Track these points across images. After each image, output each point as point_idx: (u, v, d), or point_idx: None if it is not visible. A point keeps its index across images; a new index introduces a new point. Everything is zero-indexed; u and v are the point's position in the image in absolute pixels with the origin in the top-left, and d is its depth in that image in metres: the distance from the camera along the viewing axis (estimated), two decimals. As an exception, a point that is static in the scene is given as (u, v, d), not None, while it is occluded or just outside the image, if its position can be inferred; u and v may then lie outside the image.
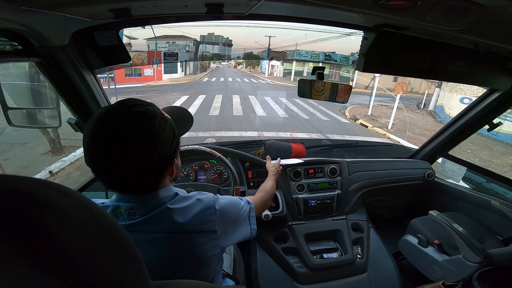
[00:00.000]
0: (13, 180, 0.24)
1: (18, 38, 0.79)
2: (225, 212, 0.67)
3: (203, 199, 0.65)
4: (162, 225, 0.58)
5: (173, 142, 0.58)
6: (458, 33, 0.72)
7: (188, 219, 0.60)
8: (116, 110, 0.53)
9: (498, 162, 6.11)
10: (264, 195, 1.00)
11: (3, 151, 4.24)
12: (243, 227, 0.73)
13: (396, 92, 7.91)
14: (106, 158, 0.51)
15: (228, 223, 0.67)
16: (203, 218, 0.62)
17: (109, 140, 0.50)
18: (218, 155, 1.25)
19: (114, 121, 0.51)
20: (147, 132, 0.52)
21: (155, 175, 0.58)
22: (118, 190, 0.59)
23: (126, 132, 0.51)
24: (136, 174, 0.54)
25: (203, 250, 0.61)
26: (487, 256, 1.07)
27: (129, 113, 0.52)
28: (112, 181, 0.55)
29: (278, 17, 0.90)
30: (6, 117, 0.96)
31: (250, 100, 10.62)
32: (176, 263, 0.60)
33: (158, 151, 0.54)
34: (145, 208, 0.59)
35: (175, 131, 0.59)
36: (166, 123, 0.56)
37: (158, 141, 0.54)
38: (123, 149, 0.50)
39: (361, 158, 1.65)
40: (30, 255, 0.21)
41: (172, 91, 12.66)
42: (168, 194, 0.62)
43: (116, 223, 0.29)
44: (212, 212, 0.63)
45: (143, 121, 0.52)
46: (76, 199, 0.26)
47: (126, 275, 0.28)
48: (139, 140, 0.51)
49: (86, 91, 1.00)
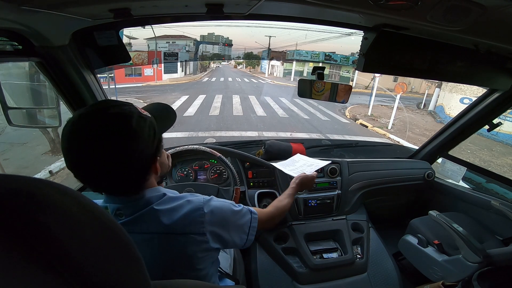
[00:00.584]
0: (13, 180, 0.24)
1: (18, 38, 0.79)
2: (215, 214, 0.64)
3: (193, 200, 0.63)
4: (148, 226, 0.58)
5: (154, 140, 0.57)
6: (458, 33, 0.72)
7: (175, 220, 0.58)
8: (90, 113, 0.52)
9: (498, 162, 6.11)
10: (275, 211, 0.90)
11: (3, 151, 4.23)
12: (236, 234, 0.69)
13: (396, 92, 7.91)
14: (84, 163, 0.50)
15: (220, 227, 0.65)
16: (191, 219, 0.60)
17: (85, 145, 0.49)
18: (218, 155, 1.25)
19: (88, 124, 0.50)
20: (124, 132, 0.51)
21: (138, 174, 0.57)
22: (104, 192, 0.58)
23: (102, 134, 0.50)
24: (119, 176, 0.53)
25: (192, 252, 0.60)
26: (487, 256, 1.06)
27: (103, 115, 0.51)
28: (96, 184, 0.55)
29: (278, 17, 0.90)
30: (6, 117, 0.96)
31: (250, 100, 10.62)
32: (165, 265, 0.59)
33: (138, 151, 0.53)
34: (132, 208, 0.58)
35: (156, 129, 0.58)
36: (144, 122, 0.55)
37: (137, 140, 0.53)
38: (101, 152, 0.50)
39: (361, 158, 1.65)
40: (31, 255, 0.21)
41: (172, 91, 12.66)
42: (155, 194, 0.61)
43: (116, 223, 0.29)
44: (201, 214, 0.61)
45: (119, 122, 0.52)
46: (76, 198, 0.26)
47: (126, 274, 0.28)
48: (116, 141, 0.51)
49: (86, 91, 1.00)
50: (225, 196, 1.28)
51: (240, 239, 0.70)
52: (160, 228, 0.58)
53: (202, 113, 7.71)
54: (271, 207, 0.91)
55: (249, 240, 0.72)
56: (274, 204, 0.93)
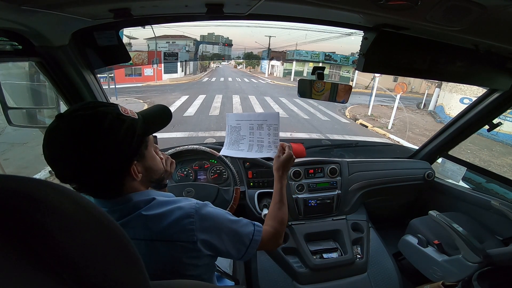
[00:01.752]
0: (12, 180, 0.24)
1: (18, 38, 0.79)
2: (208, 221, 0.60)
3: (184, 206, 0.59)
4: (135, 232, 0.56)
5: (131, 142, 0.55)
6: (458, 33, 0.72)
7: (163, 226, 0.56)
8: (67, 115, 0.52)
9: (498, 162, 6.11)
10: (277, 226, 0.77)
11: (3, 151, 4.23)
12: (232, 244, 0.64)
13: (396, 92, 7.91)
14: (57, 162, 0.51)
15: (211, 235, 0.60)
16: (180, 227, 0.57)
17: (57, 144, 0.51)
18: (218, 155, 1.25)
19: (62, 125, 0.51)
20: (94, 133, 0.51)
21: (111, 177, 0.56)
22: (86, 193, 0.57)
23: (72, 134, 0.50)
24: (90, 176, 0.53)
25: (182, 259, 0.58)
26: (487, 256, 1.07)
27: (77, 116, 0.51)
28: (77, 185, 0.54)
29: (278, 17, 0.90)
30: (6, 117, 0.96)
31: (250, 100, 10.62)
32: (155, 273, 0.57)
33: (109, 152, 0.52)
34: (119, 213, 0.57)
35: (136, 131, 0.56)
36: (121, 123, 0.54)
37: (109, 141, 0.52)
38: (71, 151, 0.50)
39: (361, 158, 1.65)
40: (29, 256, 0.21)
41: (172, 91, 12.66)
42: (143, 198, 0.59)
43: (115, 224, 0.29)
44: (191, 221, 0.58)
45: (90, 122, 0.52)
46: (75, 199, 0.26)
47: (126, 275, 0.28)
48: (85, 141, 0.51)
49: (86, 91, 1.00)
50: (225, 196, 1.28)
51: (237, 251, 0.64)
52: (147, 234, 0.56)
53: (202, 113, 7.71)
54: (271, 222, 0.77)
55: (248, 253, 0.66)
56: (272, 217, 0.79)
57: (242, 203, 1.35)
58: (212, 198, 1.27)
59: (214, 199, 1.27)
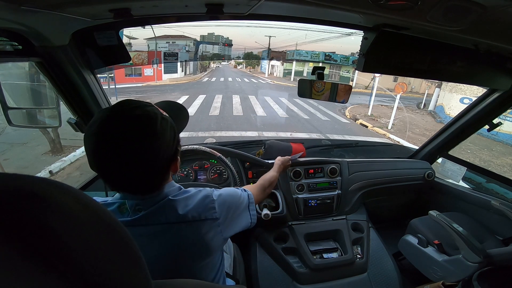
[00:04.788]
0: (14, 178, 0.23)
1: (18, 38, 0.79)
2: (224, 200, 0.70)
3: (203, 190, 0.68)
4: (165, 217, 0.60)
5: (174, 140, 0.59)
6: (458, 33, 0.72)
7: (189, 208, 0.62)
8: (118, 114, 0.52)
9: (498, 162, 6.11)
10: (263, 182, 1.01)
11: (3, 151, 4.23)
12: (243, 215, 0.76)
13: (396, 92, 7.91)
14: (113, 164, 0.52)
15: (228, 211, 0.70)
16: (203, 206, 0.64)
17: (114, 146, 0.50)
18: (218, 155, 1.25)
19: (117, 126, 0.51)
20: (151, 134, 0.53)
21: (161, 174, 0.59)
22: (123, 191, 0.59)
23: (130, 136, 0.51)
24: (144, 176, 0.55)
25: (207, 238, 0.63)
26: (487, 256, 1.07)
27: (131, 117, 0.52)
28: (119, 184, 0.56)
29: (278, 17, 0.90)
30: (6, 117, 0.96)
31: (250, 100, 10.62)
32: (180, 254, 0.61)
33: (163, 152, 0.55)
34: (150, 202, 0.60)
35: (175, 129, 0.60)
36: (166, 123, 0.56)
37: (162, 142, 0.54)
38: (130, 153, 0.51)
39: (361, 158, 1.65)
40: (32, 254, 0.21)
41: (172, 91, 12.66)
42: (172, 188, 0.64)
43: (117, 222, 0.29)
44: (211, 200, 0.66)
45: (146, 123, 0.53)
46: (78, 197, 0.26)
47: (128, 274, 0.28)
48: (144, 143, 0.52)
49: (86, 91, 1.00)
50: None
51: (246, 220, 0.77)
52: (177, 217, 0.61)
53: (202, 113, 7.71)
54: (260, 180, 1.02)
55: (253, 216, 0.79)
56: (261, 177, 1.04)
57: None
58: None
59: None
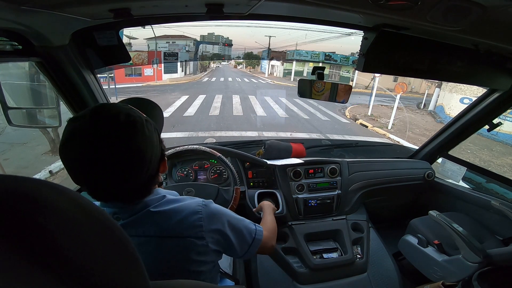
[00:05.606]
0: (11, 180, 0.23)
1: (18, 38, 0.79)
2: (215, 218, 0.62)
3: (191, 204, 0.61)
4: (144, 229, 0.56)
5: (159, 140, 0.56)
6: (458, 33, 0.72)
7: (173, 223, 0.57)
8: (102, 120, 0.47)
9: (498, 162, 6.10)
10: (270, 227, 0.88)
11: (3, 151, 4.23)
12: (237, 241, 0.66)
13: (396, 92, 7.91)
14: (98, 172, 0.47)
15: (218, 231, 0.62)
16: (189, 223, 0.58)
17: (100, 153, 0.46)
18: (218, 155, 1.25)
19: (102, 132, 0.46)
20: (139, 140, 0.50)
21: (150, 179, 0.56)
22: (105, 200, 0.56)
23: (118, 142, 0.47)
24: (138, 184, 0.52)
25: (190, 255, 0.58)
26: (487, 256, 1.07)
27: (117, 127, 0.48)
28: (105, 194, 0.53)
29: (278, 17, 0.90)
30: (6, 117, 0.96)
31: (250, 100, 10.61)
32: (162, 269, 0.57)
33: (154, 156, 0.53)
34: (129, 212, 0.57)
35: (158, 130, 0.57)
36: (151, 126, 0.54)
37: (152, 146, 0.52)
38: (117, 160, 0.47)
39: (361, 158, 1.65)
40: (29, 256, 0.21)
41: (172, 91, 12.65)
42: (154, 197, 0.59)
43: (115, 224, 0.29)
44: (199, 218, 0.59)
45: (132, 129, 0.49)
46: (75, 199, 0.26)
47: (125, 275, 0.28)
48: (132, 149, 0.49)
49: (86, 91, 1.00)
50: (225, 196, 1.28)
51: (240, 248, 0.67)
52: (157, 231, 0.56)
53: (202, 113, 7.71)
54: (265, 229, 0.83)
55: (250, 252, 0.69)
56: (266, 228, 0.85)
57: (242, 203, 1.35)
58: (212, 198, 1.26)
59: (214, 199, 1.26)
